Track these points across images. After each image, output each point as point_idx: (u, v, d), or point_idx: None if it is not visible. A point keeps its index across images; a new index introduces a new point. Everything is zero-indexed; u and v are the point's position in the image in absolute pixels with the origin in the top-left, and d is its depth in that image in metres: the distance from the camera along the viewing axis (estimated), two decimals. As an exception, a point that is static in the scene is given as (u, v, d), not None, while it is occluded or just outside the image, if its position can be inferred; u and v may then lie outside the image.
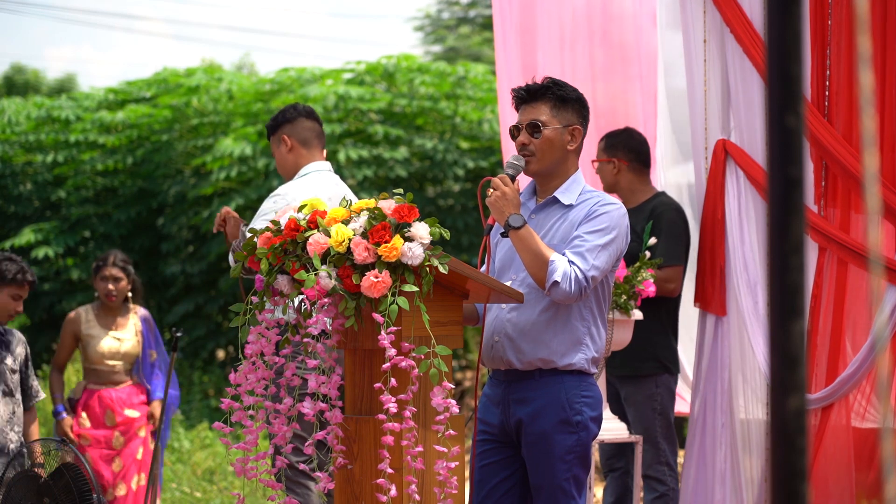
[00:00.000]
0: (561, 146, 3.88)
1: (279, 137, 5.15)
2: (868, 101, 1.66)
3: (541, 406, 3.78)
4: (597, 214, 3.79)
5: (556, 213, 3.86)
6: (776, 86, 1.55)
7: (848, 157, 4.68)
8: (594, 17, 6.38)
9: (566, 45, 6.37)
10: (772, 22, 1.56)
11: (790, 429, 1.54)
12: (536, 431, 3.77)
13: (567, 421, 3.77)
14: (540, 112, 3.87)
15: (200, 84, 12.05)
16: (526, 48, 6.44)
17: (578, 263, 3.68)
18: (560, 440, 3.76)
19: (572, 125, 3.89)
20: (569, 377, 3.79)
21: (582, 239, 3.74)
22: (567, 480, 3.77)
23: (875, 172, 3.16)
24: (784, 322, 1.54)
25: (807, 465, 1.54)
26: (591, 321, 3.83)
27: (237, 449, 3.60)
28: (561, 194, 3.87)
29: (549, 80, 3.94)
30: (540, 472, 3.79)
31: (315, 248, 3.43)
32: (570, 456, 3.77)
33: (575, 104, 3.91)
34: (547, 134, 3.85)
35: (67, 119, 12.41)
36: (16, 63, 25.02)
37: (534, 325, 3.78)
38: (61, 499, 4.77)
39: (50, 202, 12.67)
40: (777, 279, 1.54)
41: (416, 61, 12.16)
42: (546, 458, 3.77)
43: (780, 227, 1.55)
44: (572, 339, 3.79)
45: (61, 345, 6.57)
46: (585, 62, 6.38)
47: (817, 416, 4.73)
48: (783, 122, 1.55)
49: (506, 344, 3.81)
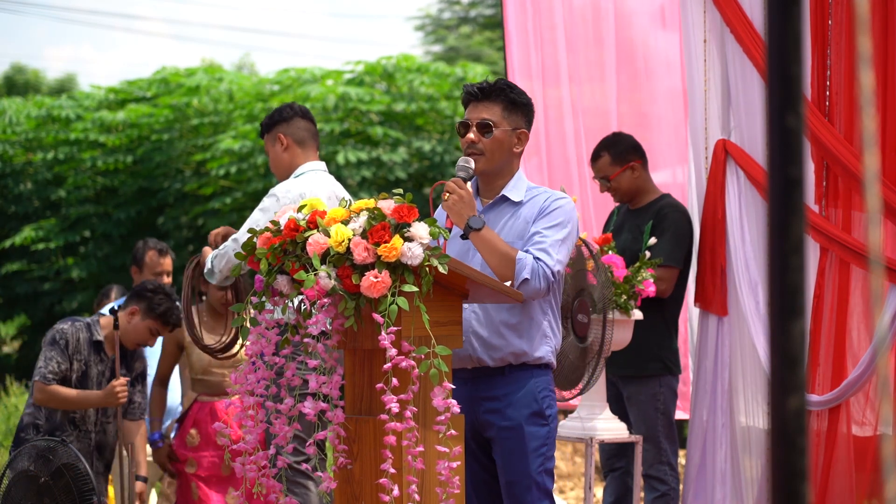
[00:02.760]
0: (508, 148, 3.92)
1: (274, 136, 5.13)
2: (868, 101, 1.66)
3: (512, 400, 3.82)
4: (551, 209, 3.84)
5: (506, 211, 3.91)
6: (776, 86, 1.55)
7: (849, 157, 4.67)
8: (594, 16, 6.38)
9: (567, 44, 6.37)
10: (772, 22, 1.56)
11: (790, 429, 1.54)
12: (510, 425, 3.81)
13: (539, 413, 3.83)
14: (492, 112, 3.90)
15: (201, 84, 12.06)
16: (527, 48, 6.44)
17: (545, 259, 3.73)
18: (533, 433, 3.81)
19: (520, 129, 3.94)
20: (537, 370, 3.87)
21: (542, 235, 3.79)
22: (540, 474, 3.82)
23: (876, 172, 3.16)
24: (784, 322, 1.54)
25: (807, 465, 1.54)
26: (551, 314, 3.91)
27: (237, 449, 3.60)
28: (509, 192, 3.92)
29: (502, 81, 3.97)
30: (513, 468, 3.82)
31: (314, 249, 3.43)
32: (543, 448, 3.82)
33: (524, 108, 3.96)
34: (497, 135, 3.89)
35: (68, 118, 12.41)
36: (16, 63, 25.03)
37: (502, 322, 3.83)
38: (61, 499, 4.76)
39: (50, 201, 12.68)
40: (777, 279, 1.54)
41: (416, 61, 12.16)
42: (519, 451, 3.81)
43: (780, 227, 1.54)
44: (539, 332, 3.86)
45: (164, 355, 5.83)
46: (586, 62, 6.38)
47: (824, 418, 4.71)
48: (783, 122, 1.55)
49: (475, 342, 3.83)
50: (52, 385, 5.17)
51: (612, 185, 5.38)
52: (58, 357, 5.21)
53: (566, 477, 8.67)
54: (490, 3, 22.38)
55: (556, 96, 6.46)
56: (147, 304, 5.29)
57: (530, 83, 6.36)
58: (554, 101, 6.45)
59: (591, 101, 6.41)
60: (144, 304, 5.30)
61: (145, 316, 5.29)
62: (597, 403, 5.04)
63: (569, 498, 7.99)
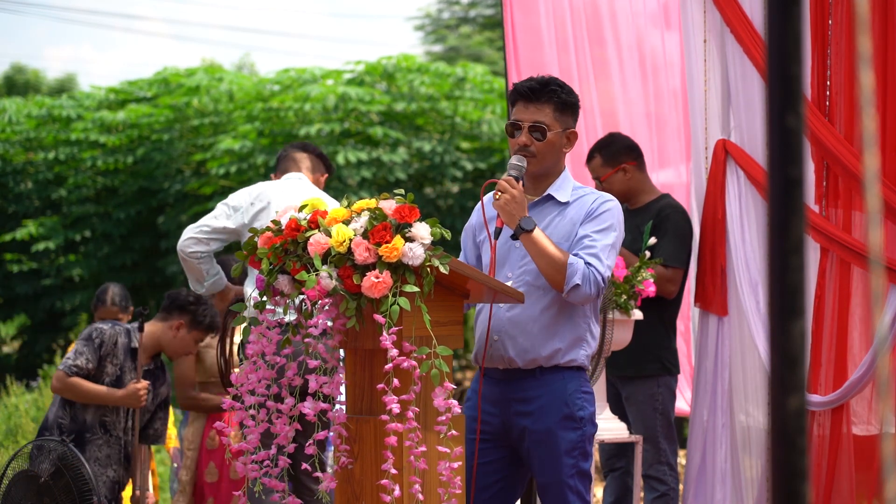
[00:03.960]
0: (559, 149, 3.89)
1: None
2: (868, 101, 1.66)
3: (544, 403, 3.78)
4: (600, 212, 3.79)
5: (551, 211, 3.86)
6: (776, 86, 1.55)
7: (849, 157, 4.67)
8: (595, 16, 6.38)
9: (566, 45, 6.36)
10: (772, 22, 1.56)
11: (790, 429, 1.54)
12: (541, 429, 3.77)
13: (571, 416, 3.78)
14: (544, 114, 3.84)
15: (201, 84, 12.06)
16: (528, 48, 6.43)
17: (596, 265, 3.69)
18: (564, 436, 3.77)
19: (570, 129, 3.91)
20: (569, 373, 3.81)
21: (592, 239, 3.75)
22: (573, 477, 3.77)
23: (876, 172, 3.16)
24: (784, 322, 1.54)
25: (807, 465, 1.54)
26: (592, 317, 3.86)
27: (238, 449, 3.60)
28: (556, 192, 3.87)
29: (554, 81, 3.90)
30: (546, 470, 3.79)
31: (316, 249, 3.43)
32: (575, 452, 3.78)
33: (573, 108, 3.91)
34: (550, 138, 3.84)
35: (68, 118, 12.42)
36: (16, 63, 25.04)
37: (536, 323, 3.78)
38: (61, 499, 4.77)
39: (50, 201, 12.68)
40: (777, 279, 1.54)
41: (416, 61, 12.16)
42: (551, 455, 3.77)
43: (780, 227, 1.55)
44: (575, 335, 3.80)
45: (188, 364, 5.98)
46: (585, 62, 6.38)
47: (826, 419, 4.71)
48: (783, 122, 1.55)
49: (507, 342, 3.80)
50: (73, 377, 5.14)
51: (605, 187, 5.38)
52: (88, 354, 5.16)
53: (566, 477, 8.66)
54: (490, 3, 22.37)
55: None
56: (192, 318, 5.40)
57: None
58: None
59: (592, 100, 6.40)
60: (189, 318, 5.39)
61: (191, 328, 5.40)
62: (597, 403, 5.04)
63: (569, 498, 7.98)
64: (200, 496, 5.96)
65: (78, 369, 5.14)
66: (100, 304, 6.75)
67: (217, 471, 5.88)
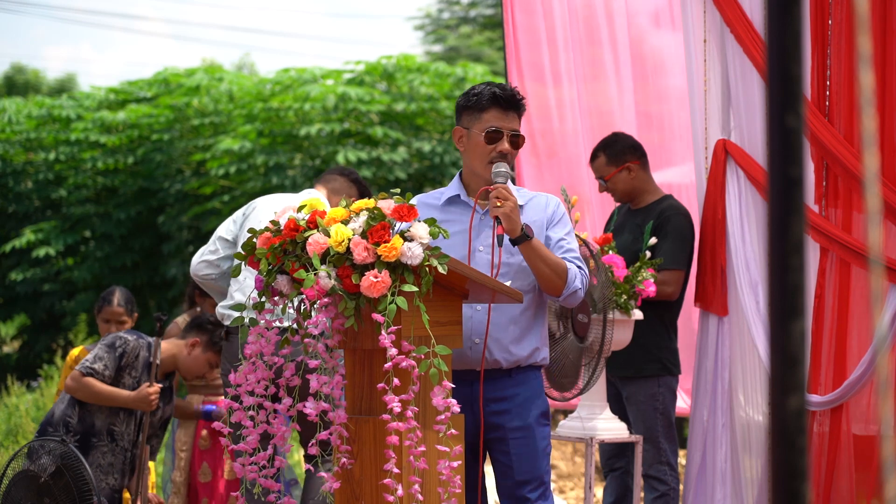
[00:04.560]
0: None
1: None
2: (868, 101, 1.66)
3: (522, 401, 3.86)
4: (560, 214, 3.94)
5: None
6: (776, 86, 1.55)
7: (849, 157, 4.67)
8: (594, 16, 6.38)
9: (566, 45, 6.36)
10: (772, 22, 1.56)
11: (790, 429, 1.53)
12: (520, 426, 3.84)
13: (545, 413, 3.92)
14: (517, 122, 3.95)
15: (201, 84, 12.06)
16: (528, 48, 6.43)
17: (582, 268, 3.84)
18: (541, 433, 3.88)
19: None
20: (537, 372, 3.94)
21: (568, 242, 3.88)
22: (547, 472, 3.90)
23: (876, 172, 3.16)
24: (784, 322, 1.54)
25: (807, 465, 1.54)
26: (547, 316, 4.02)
27: (237, 449, 3.60)
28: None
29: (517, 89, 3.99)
30: (524, 468, 3.85)
31: (314, 248, 3.43)
32: (548, 448, 3.92)
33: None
34: (520, 145, 3.95)
35: (68, 118, 12.41)
36: (16, 63, 25.06)
37: (517, 325, 3.86)
38: (61, 499, 4.76)
39: (50, 201, 12.67)
40: (777, 279, 1.54)
41: (416, 61, 12.16)
42: (530, 451, 3.85)
43: (780, 227, 1.54)
44: (544, 334, 3.95)
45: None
46: (586, 62, 6.38)
47: (826, 418, 4.71)
48: (783, 122, 1.55)
49: (491, 345, 3.83)
50: (88, 378, 5.14)
51: (609, 186, 5.38)
52: (108, 361, 5.15)
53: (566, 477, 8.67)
54: (490, 3, 22.37)
55: (556, 96, 6.45)
56: (209, 339, 5.42)
57: (531, 83, 6.36)
58: (555, 101, 6.45)
59: (593, 100, 6.40)
60: (206, 338, 5.42)
61: (206, 349, 5.41)
62: (597, 403, 5.04)
63: (569, 498, 7.98)
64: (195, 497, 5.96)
65: (94, 372, 5.13)
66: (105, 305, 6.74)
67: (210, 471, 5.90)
